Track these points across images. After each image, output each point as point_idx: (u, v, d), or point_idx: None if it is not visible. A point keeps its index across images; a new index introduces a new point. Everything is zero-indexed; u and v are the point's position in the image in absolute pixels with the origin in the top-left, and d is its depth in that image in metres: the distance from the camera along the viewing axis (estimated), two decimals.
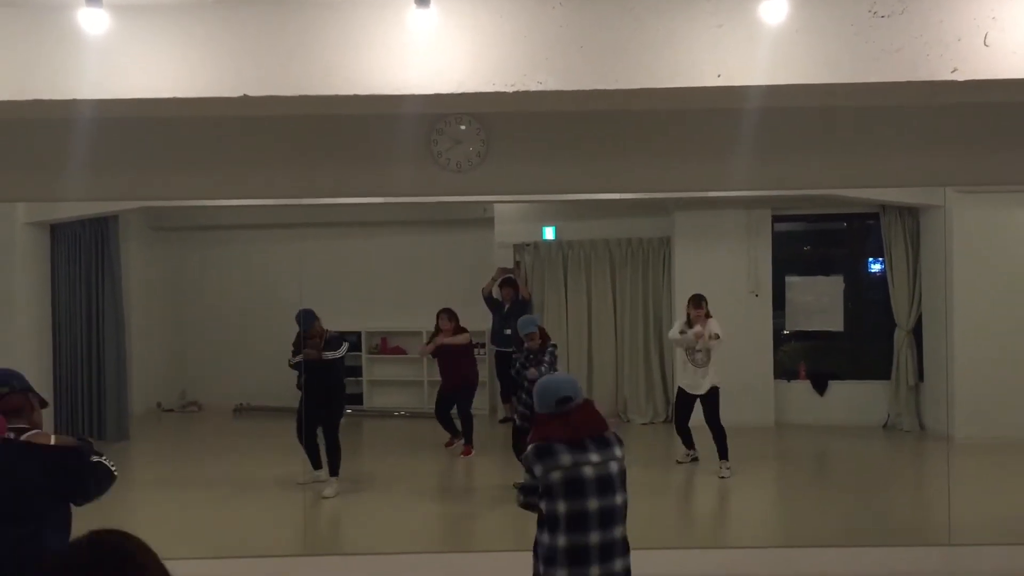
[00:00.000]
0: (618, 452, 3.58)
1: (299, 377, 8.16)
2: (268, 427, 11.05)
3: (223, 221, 11.19)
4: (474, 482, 8.85)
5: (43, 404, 3.55)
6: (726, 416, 8.56)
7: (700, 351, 8.45)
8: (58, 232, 9.77)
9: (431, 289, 10.48)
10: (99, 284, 10.00)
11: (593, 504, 3.45)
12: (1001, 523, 6.58)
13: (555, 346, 7.93)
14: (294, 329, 8.65)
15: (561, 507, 3.46)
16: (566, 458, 3.48)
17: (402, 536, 6.91)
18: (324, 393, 7.95)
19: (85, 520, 3.04)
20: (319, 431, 8.09)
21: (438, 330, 9.43)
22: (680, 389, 8.67)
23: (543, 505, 3.54)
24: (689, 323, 8.53)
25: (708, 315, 8.49)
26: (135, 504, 7.36)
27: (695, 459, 8.61)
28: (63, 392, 9.67)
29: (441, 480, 8.94)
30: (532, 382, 7.37)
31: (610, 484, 3.50)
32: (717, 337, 8.45)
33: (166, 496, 7.93)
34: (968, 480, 7.68)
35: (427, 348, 9.40)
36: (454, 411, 9.35)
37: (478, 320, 9.76)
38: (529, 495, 3.63)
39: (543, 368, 7.57)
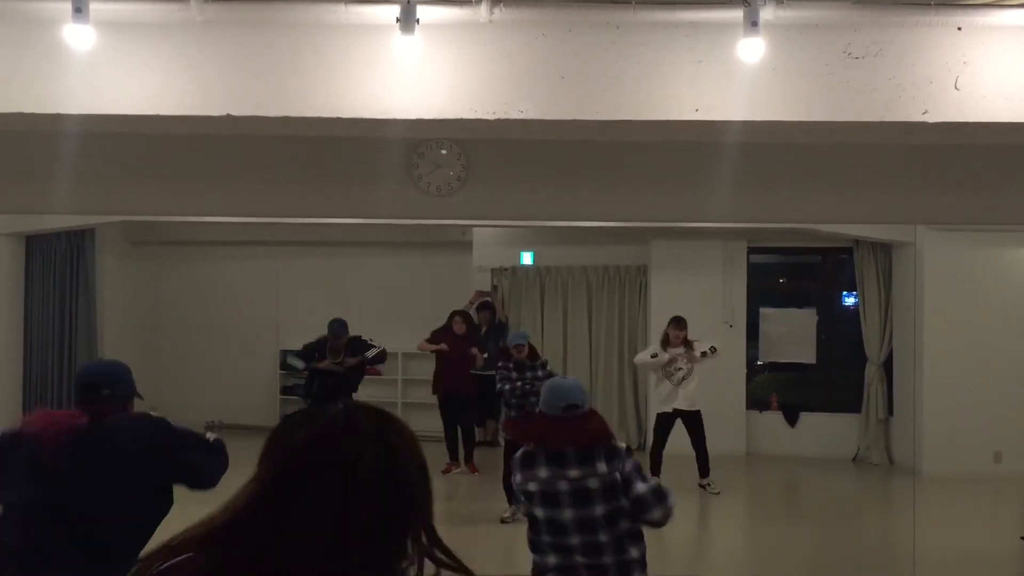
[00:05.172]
0: (601, 468, 3.58)
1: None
2: (241, 445, 10.97)
3: (200, 237, 11.16)
4: (451, 503, 8.82)
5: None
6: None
7: (681, 368, 8.50)
8: (33, 244, 9.72)
9: (408, 310, 10.49)
10: (73, 297, 9.94)
11: (567, 514, 3.56)
12: (965, 558, 6.65)
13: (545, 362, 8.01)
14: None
15: (539, 513, 3.61)
16: (543, 471, 3.55)
17: None
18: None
19: None
20: None
21: (448, 331, 9.36)
22: (659, 415, 8.65)
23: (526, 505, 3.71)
24: (668, 342, 8.54)
25: (687, 339, 8.55)
26: None
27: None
28: (32, 404, 9.59)
29: None
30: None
31: (587, 497, 3.56)
32: (714, 350, 8.53)
33: None
34: (935, 514, 7.76)
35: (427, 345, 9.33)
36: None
37: None
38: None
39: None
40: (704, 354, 8.50)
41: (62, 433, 3.07)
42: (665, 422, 8.60)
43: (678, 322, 8.61)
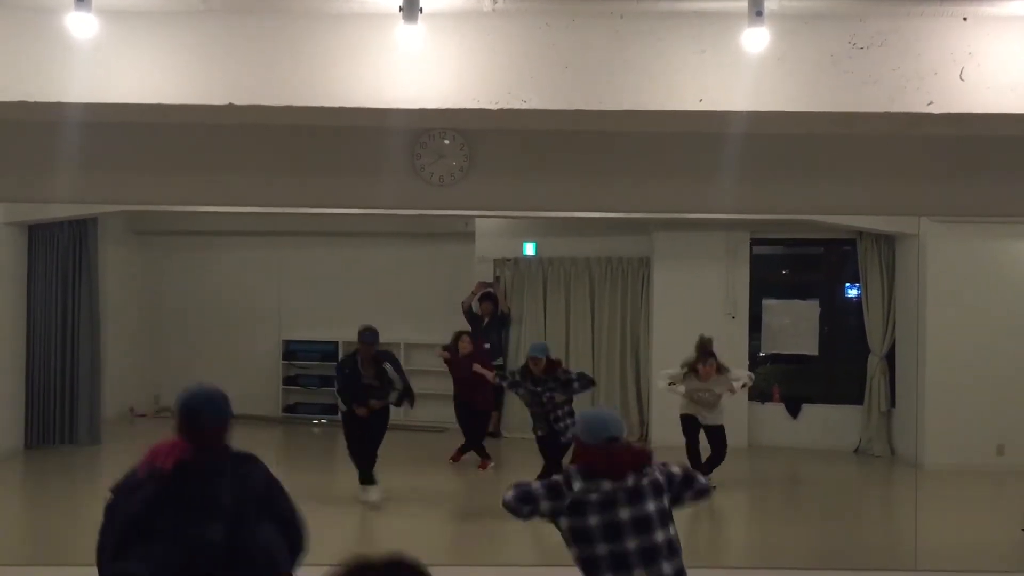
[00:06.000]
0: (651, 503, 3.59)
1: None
2: (242, 435, 10.97)
3: (203, 227, 11.14)
4: (454, 493, 8.82)
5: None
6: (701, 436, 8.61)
7: (710, 399, 8.34)
8: (36, 233, 9.71)
9: (410, 301, 10.50)
10: (76, 286, 9.94)
11: (632, 544, 3.50)
12: (967, 550, 6.65)
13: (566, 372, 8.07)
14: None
15: (601, 549, 3.50)
16: (607, 484, 3.53)
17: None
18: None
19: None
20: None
21: (456, 348, 9.35)
22: (683, 416, 8.50)
23: (577, 550, 3.55)
24: (696, 374, 8.30)
25: (720, 368, 8.32)
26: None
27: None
28: (35, 394, 9.60)
29: (421, 492, 8.90)
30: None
31: (648, 523, 3.54)
32: (751, 378, 8.52)
33: None
34: (936, 506, 7.77)
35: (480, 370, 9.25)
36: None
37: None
38: (527, 501, 3.61)
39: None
40: (744, 386, 8.38)
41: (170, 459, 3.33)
42: (691, 423, 8.43)
43: (706, 355, 8.28)
